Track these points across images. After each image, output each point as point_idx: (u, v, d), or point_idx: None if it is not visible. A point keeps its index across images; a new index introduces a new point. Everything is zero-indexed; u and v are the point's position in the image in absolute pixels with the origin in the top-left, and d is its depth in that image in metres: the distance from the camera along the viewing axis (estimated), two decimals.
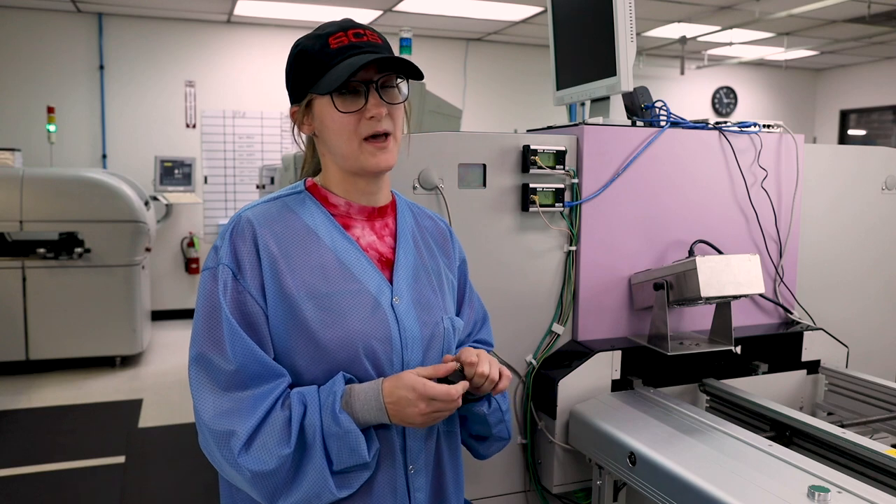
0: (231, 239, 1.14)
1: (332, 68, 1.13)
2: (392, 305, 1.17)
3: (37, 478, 3.39)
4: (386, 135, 1.15)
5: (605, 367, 1.68)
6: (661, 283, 1.67)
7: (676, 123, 1.86)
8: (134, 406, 4.41)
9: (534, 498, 1.79)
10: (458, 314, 1.35)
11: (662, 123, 1.84)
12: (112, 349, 5.19)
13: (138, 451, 3.73)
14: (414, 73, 1.16)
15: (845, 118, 9.45)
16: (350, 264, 1.17)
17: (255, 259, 1.13)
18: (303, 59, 1.17)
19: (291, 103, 1.22)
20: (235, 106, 7.05)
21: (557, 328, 1.79)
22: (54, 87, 6.52)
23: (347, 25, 1.16)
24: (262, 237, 1.14)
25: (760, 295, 1.91)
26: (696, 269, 1.58)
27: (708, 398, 1.79)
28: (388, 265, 1.22)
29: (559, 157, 1.72)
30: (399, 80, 1.19)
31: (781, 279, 1.98)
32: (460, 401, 1.11)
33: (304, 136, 1.25)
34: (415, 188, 1.63)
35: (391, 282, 1.20)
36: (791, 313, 1.99)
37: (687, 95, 8.91)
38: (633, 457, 1.39)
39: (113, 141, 6.72)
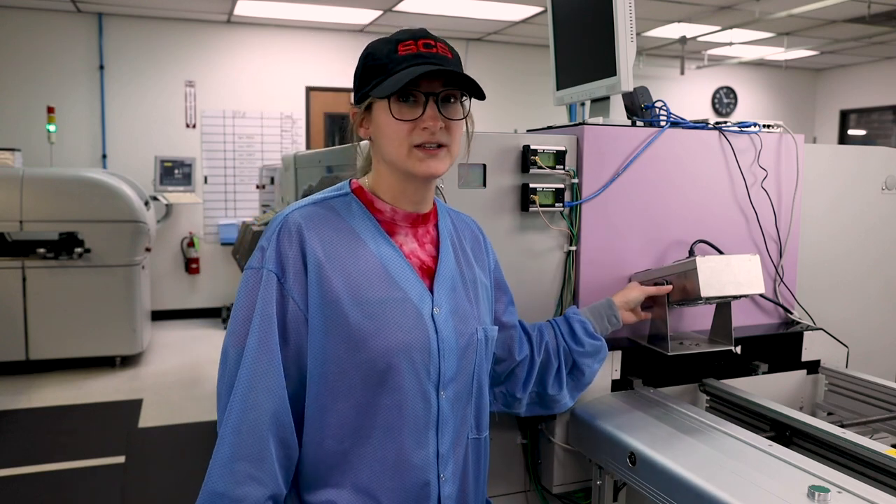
0: (278, 241, 1.14)
1: (395, 74, 1.12)
2: (433, 315, 1.19)
3: (37, 478, 3.39)
4: (439, 145, 1.15)
5: (605, 367, 1.68)
6: (662, 283, 1.67)
7: (676, 123, 1.86)
8: (134, 406, 4.41)
9: (534, 498, 1.79)
10: (504, 312, 1.43)
11: (662, 123, 1.84)
12: (112, 349, 5.19)
13: (138, 451, 3.73)
14: (475, 91, 1.16)
15: (845, 118, 9.45)
16: (394, 272, 1.18)
17: (301, 263, 1.13)
18: (369, 62, 1.17)
19: (355, 104, 1.23)
20: (235, 106, 7.05)
21: None
22: (54, 87, 6.52)
23: (420, 35, 1.16)
24: (310, 240, 1.14)
25: (760, 295, 1.91)
26: (696, 269, 1.58)
27: (708, 398, 1.79)
28: (427, 273, 1.23)
29: (559, 157, 1.71)
30: (463, 97, 1.19)
31: (781, 279, 1.98)
32: None
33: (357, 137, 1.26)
34: None
35: (431, 291, 1.21)
36: (791, 313, 1.99)
37: (687, 95, 8.91)
38: (633, 457, 1.39)
39: (113, 141, 6.72)
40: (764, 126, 1.94)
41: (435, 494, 1.19)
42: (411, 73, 1.10)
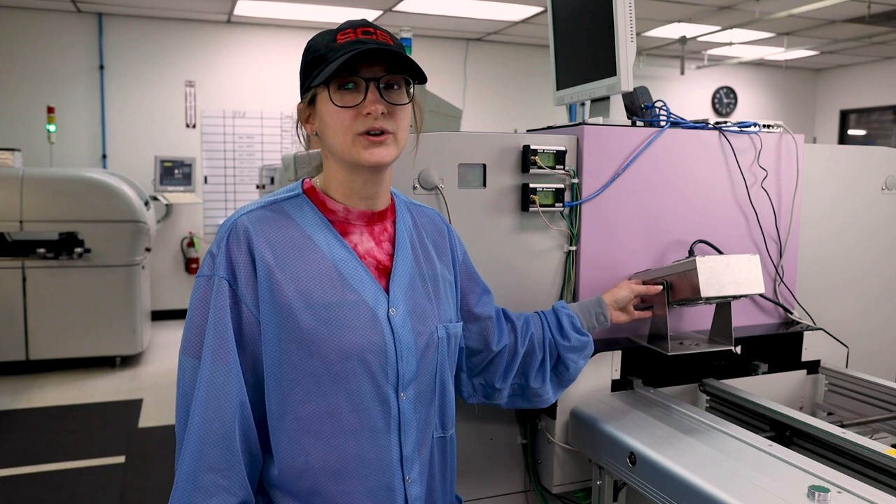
0: (227, 247, 1.13)
1: (333, 61, 1.11)
2: (388, 317, 1.17)
3: (37, 478, 3.39)
4: (383, 132, 1.13)
5: (605, 367, 1.68)
6: (661, 283, 1.67)
7: (676, 123, 1.86)
8: (134, 406, 4.42)
9: (534, 498, 1.79)
10: (477, 304, 1.40)
11: (662, 123, 1.84)
12: (112, 349, 5.19)
13: (138, 451, 3.73)
14: (418, 75, 1.14)
15: (845, 118, 9.46)
16: (347, 274, 1.15)
17: (251, 268, 1.12)
18: (310, 55, 1.16)
19: (301, 100, 1.21)
20: (235, 106, 7.05)
21: None
22: (54, 87, 6.52)
23: (358, 24, 1.15)
24: (258, 245, 1.12)
25: (760, 295, 1.91)
26: (696, 269, 1.58)
27: (708, 398, 1.79)
28: (384, 273, 1.20)
29: (559, 157, 1.71)
30: (407, 84, 1.17)
31: (781, 279, 1.98)
32: None
33: (305, 134, 1.24)
34: (415, 188, 1.63)
35: (387, 291, 1.18)
36: (791, 313, 1.99)
37: (687, 95, 8.91)
38: (633, 457, 1.39)
39: (113, 141, 6.72)
40: (764, 126, 1.94)
41: (401, 497, 1.17)
42: (349, 55, 1.08)
